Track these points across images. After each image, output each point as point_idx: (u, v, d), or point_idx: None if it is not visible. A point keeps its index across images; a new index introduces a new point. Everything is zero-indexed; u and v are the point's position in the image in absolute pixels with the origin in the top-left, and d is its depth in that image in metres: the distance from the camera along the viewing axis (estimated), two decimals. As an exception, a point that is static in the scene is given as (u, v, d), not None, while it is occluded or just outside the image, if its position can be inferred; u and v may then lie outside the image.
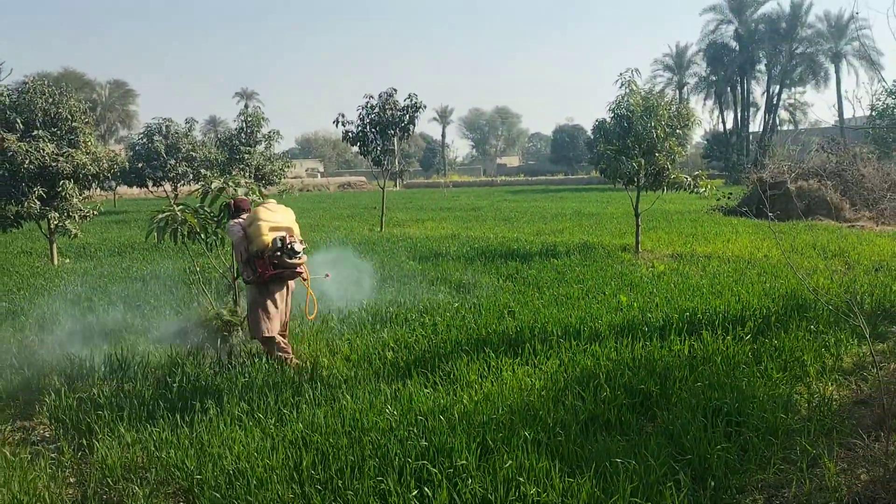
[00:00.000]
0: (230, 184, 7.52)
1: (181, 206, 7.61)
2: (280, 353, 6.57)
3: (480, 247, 15.07)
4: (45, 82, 14.18)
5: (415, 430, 4.69)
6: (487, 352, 6.44)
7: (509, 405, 5.13)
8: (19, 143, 12.92)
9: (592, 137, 15.47)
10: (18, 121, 13.39)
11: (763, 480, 4.30)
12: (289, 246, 6.45)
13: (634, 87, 13.89)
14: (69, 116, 13.87)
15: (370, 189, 63.42)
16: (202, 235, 7.76)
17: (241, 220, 6.77)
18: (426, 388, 5.62)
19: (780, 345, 6.58)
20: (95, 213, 14.65)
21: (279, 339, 6.62)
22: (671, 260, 12.88)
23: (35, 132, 13.39)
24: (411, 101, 20.75)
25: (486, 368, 6.09)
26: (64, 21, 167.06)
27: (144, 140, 25.19)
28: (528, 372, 5.96)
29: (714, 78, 61.99)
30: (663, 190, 14.07)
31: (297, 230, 6.76)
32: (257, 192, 7.60)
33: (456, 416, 4.92)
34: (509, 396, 5.33)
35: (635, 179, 14.00)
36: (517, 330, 7.26)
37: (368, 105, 20.76)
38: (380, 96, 20.81)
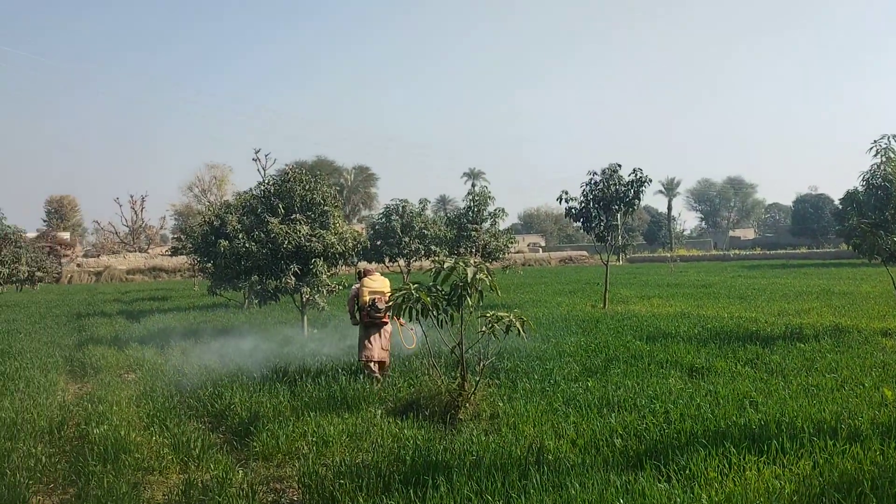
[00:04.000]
0: (461, 263, 7.87)
1: (416, 285, 8.08)
2: (369, 372, 9.78)
3: (713, 327, 14.17)
4: (302, 171, 15.97)
5: (649, 530, 4.42)
6: (727, 446, 5.95)
7: (755, 510, 4.66)
8: (280, 226, 14.60)
9: (841, 208, 14.11)
10: (280, 206, 15.17)
11: None
12: (375, 303, 9.91)
13: (892, 155, 12.54)
14: (322, 201, 15.43)
15: (592, 263, 62.82)
16: (434, 312, 8.18)
17: (359, 284, 10.22)
18: (659, 482, 5.30)
19: None
20: (340, 287, 15.98)
21: (371, 365, 9.88)
22: (947, 348, 11.14)
23: (293, 216, 15.08)
24: (636, 175, 20.43)
25: (727, 465, 5.61)
26: (316, 117, 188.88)
27: (383, 219, 27.28)
28: (776, 473, 5.39)
29: None
30: (934, 267, 12.35)
31: (387, 293, 9.76)
32: (485, 272, 7.86)
33: (694, 517, 4.57)
34: (754, 499, 4.85)
35: (897, 255, 12.48)
36: (761, 424, 6.64)
37: (592, 181, 20.80)
38: (603, 172, 20.76)
